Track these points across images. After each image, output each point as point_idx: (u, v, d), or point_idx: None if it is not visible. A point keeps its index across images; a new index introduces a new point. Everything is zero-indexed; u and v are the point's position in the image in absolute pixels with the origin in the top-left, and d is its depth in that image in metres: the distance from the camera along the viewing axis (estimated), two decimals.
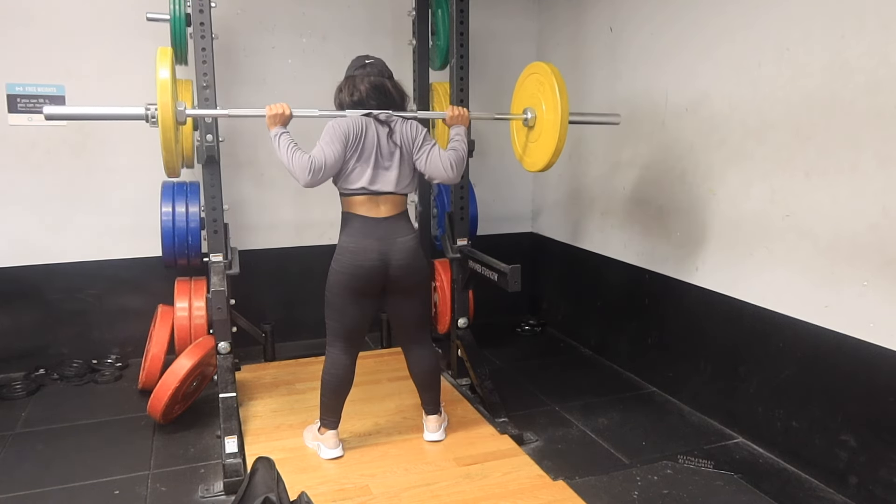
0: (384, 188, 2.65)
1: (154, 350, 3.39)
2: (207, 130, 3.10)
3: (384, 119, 2.65)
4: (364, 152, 2.62)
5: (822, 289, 2.58)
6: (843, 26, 2.44)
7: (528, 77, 2.94)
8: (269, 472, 2.29)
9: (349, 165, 2.61)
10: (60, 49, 3.65)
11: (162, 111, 2.44)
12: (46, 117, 2.47)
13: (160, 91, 2.45)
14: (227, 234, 3.31)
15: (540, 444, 2.96)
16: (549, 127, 2.76)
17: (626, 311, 3.83)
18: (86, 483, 2.64)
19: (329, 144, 2.56)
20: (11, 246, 3.71)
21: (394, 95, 2.71)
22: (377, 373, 3.65)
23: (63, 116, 2.66)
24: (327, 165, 2.54)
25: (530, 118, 2.89)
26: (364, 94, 2.66)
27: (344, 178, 2.64)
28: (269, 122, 2.60)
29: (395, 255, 2.65)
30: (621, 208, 3.81)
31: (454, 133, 2.81)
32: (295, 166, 2.51)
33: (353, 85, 2.69)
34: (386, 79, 2.72)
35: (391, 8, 4.21)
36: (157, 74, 2.47)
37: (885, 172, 2.32)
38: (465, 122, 2.83)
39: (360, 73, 2.70)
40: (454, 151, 2.73)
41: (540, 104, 2.83)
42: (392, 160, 2.66)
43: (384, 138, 2.65)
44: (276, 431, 2.99)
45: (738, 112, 2.93)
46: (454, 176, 2.72)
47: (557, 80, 2.71)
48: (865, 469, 2.45)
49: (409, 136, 2.69)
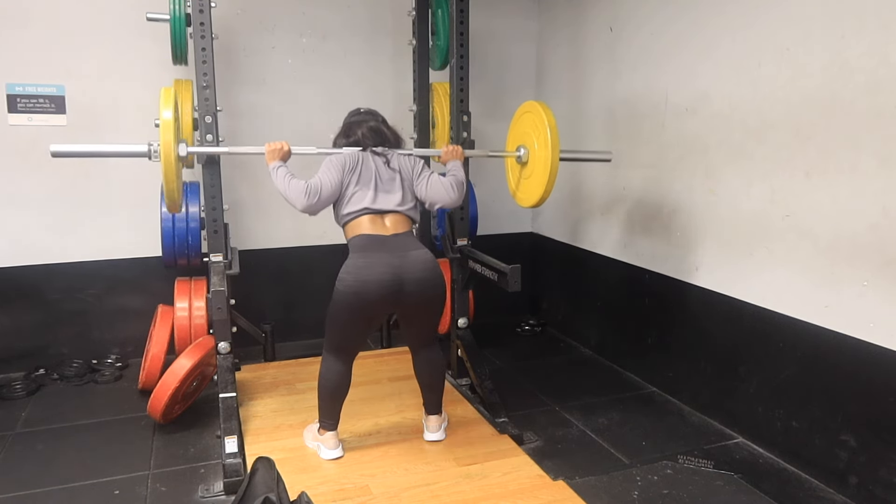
0: (387, 207, 2.67)
1: (154, 350, 3.39)
2: (207, 130, 3.10)
3: (380, 152, 2.74)
4: (363, 178, 2.67)
5: (822, 289, 2.58)
6: (843, 26, 2.44)
7: (522, 115, 3.03)
8: (269, 472, 2.29)
9: (349, 191, 2.66)
10: (60, 49, 3.65)
11: (164, 150, 2.55)
12: (53, 155, 2.58)
13: (163, 130, 2.57)
14: (227, 234, 3.30)
15: (540, 444, 2.96)
16: (541, 164, 2.84)
17: (626, 311, 3.83)
18: (86, 483, 2.64)
19: (326, 172, 2.65)
20: (11, 246, 3.71)
21: (389, 136, 2.81)
22: (377, 373, 3.65)
23: (69, 154, 2.70)
24: (323, 189, 2.60)
25: (523, 155, 2.98)
26: (361, 136, 2.76)
27: (345, 204, 2.66)
28: (268, 157, 2.70)
29: (409, 268, 2.54)
30: (621, 208, 3.81)
31: (451, 166, 2.89)
32: (291, 191, 2.59)
33: (349, 129, 2.81)
34: (381, 124, 2.83)
35: (391, 8, 4.21)
36: (161, 114, 2.58)
37: (885, 172, 2.32)
38: (459, 157, 2.92)
39: (357, 119, 2.83)
40: (453, 176, 2.81)
41: (532, 142, 2.91)
42: (393, 184, 2.71)
43: (382, 166, 2.72)
44: (276, 431, 2.99)
45: (738, 112, 2.93)
46: (456, 196, 2.77)
47: (549, 119, 2.80)
48: (865, 469, 2.45)
49: (407, 165, 2.77)
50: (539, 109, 2.85)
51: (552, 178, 2.78)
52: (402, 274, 2.53)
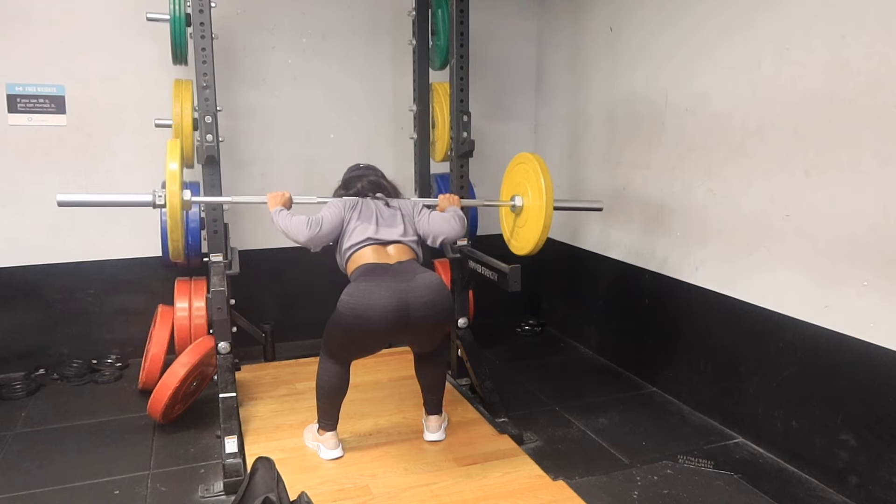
0: (390, 237, 2.71)
1: (154, 350, 3.39)
2: (207, 130, 3.10)
3: (379, 197, 2.82)
4: (363, 214, 2.74)
5: (822, 289, 2.58)
6: (843, 26, 2.44)
7: (516, 167, 3.09)
8: (269, 472, 2.29)
9: (351, 226, 2.72)
10: (60, 49, 3.65)
11: (171, 200, 2.60)
12: (59, 205, 2.60)
13: (169, 181, 2.62)
14: (227, 234, 3.31)
15: (540, 444, 2.96)
16: (535, 214, 2.88)
17: (626, 311, 3.83)
18: (86, 483, 2.64)
19: (327, 209, 2.75)
20: (11, 246, 3.71)
21: (388, 189, 2.90)
22: (377, 373, 3.65)
23: (76, 204, 2.70)
24: (324, 221, 2.68)
25: (518, 205, 3.02)
26: (361, 189, 2.84)
27: (348, 237, 2.71)
28: (270, 204, 2.79)
29: (416, 292, 2.44)
30: (621, 208, 3.81)
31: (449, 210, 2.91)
32: (293, 226, 2.67)
33: (349, 183, 2.88)
34: (380, 177, 2.92)
35: (391, 8, 4.21)
36: (167, 166, 2.65)
37: (885, 172, 2.32)
38: (457, 204, 2.97)
39: (357, 174, 2.92)
40: (453, 212, 2.86)
41: (526, 192, 2.97)
42: (394, 219, 2.77)
43: (382, 206, 2.80)
44: (276, 431, 2.99)
45: (738, 112, 2.93)
46: (459, 227, 2.81)
47: (542, 170, 2.86)
48: (865, 469, 2.45)
49: (407, 205, 2.86)
50: (533, 161, 2.92)
51: (546, 228, 2.84)
52: (408, 299, 2.43)
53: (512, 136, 4.64)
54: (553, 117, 4.52)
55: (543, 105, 4.63)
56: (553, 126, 4.53)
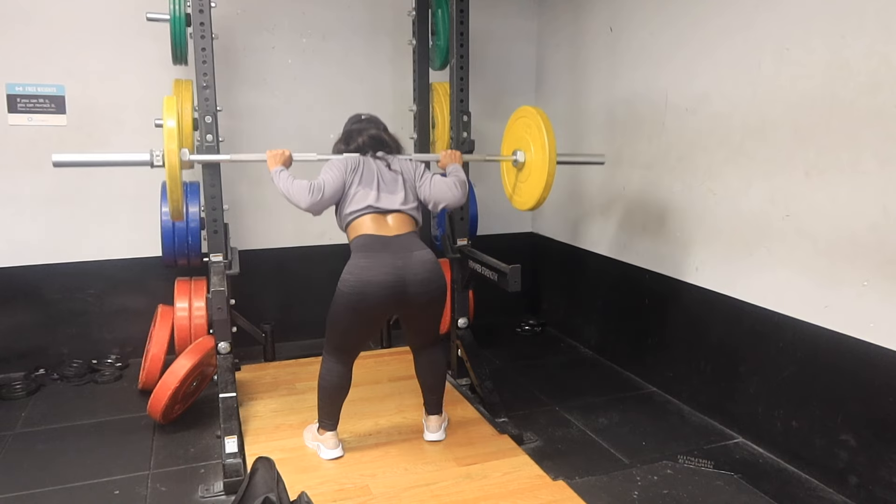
0: (391, 206, 2.69)
1: (154, 350, 3.39)
2: (207, 131, 3.09)
3: (381, 156, 2.77)
4: (364, 178, 2.70)
5: (822, 289, 2.58)
6: (843, 26, 2.44)
7: (517, 120, 3.06)
8: (269, 472, 2.29)
9: (351, 190, 2.67)
10: (60, 49, 3.65)
11: (168, 158, 2.57)
12: (55, 164, 2.58)
13: (167, 139, 2.58)
14: (227, 234, 3.30)
15: (540, 444, 2.96)
16: (538, 168, 2.85)
17: (626, 311, 3.83)
18: (86, 483, 2.64)
19: (328, 171, 2.68)
20: (11, 246, 3.71)
21: (390, 144, 2.84)
22: (377, 373, 3.65)
23: (72, 164, 2.68)
24: (326, 186, 2.62)
25: (520, 160, 2.99)
26: (361, 144, 2.78)
27: (348, 203, 2.68)
28: (270, 163, 2.73)
29: (412, 269, 2.54)
30: (621, 208, 3.81)
31: (450, 169, 2.90)
32: (294, 190, 2.61)
33: (350, 137, 2.82)
34: (381, 131, 2.85)
35: (391, 8, 4.21)
36: (164, 123, 2.60)
37: (885, 172, 2.32)
38: (458, 161, 2.93)
39: (357, 128, 2.84)
40: (455, 176, 2.83)
41: (529, 146, 2.94)
42: (396, 184, 2.72)
43: (384, 168, 2.75)
44: (276, 431, 2.99)
45: (738, 112, 2.93)
46: (459, 195, 2.78)
47: (545, 123, 2.83)
48: (865, 469, 2.45)
49: (409, 168, 2.80)
50: (535, 114, 2.88)
51: (549, 182, 2.80)
52: (404, 275, 2.53)
53: None
54: (553, 117, 4.45)
55: (543, 105, 4.62)
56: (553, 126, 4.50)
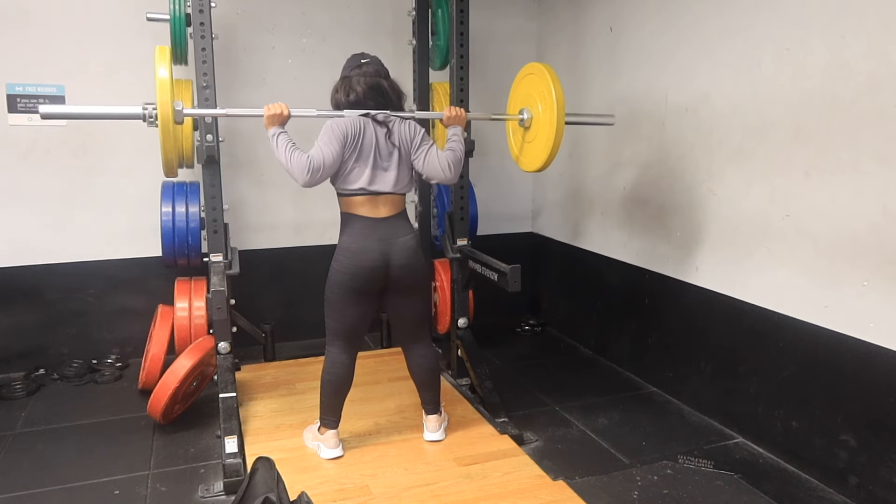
0: (383, 188, 2.66)
1: (154, 350, 3.39)
2: (207, 130, 3.09)
3: (382, 119, 2.66)
4: (363, 152, 2.61)
5: (822, 289, 2.58)
6: (843, 26, 2.44)
7: (525, 78, 2.95)
8: (269, 472, 2.29)
9: (348, 165, 2.61)
10: (60, 49, 3.65)
11: (161, 110, 2.44)
12: (42, 116, 2.44)
13: (159, 90, 2.45)
14: (227, 234, 3.30)
15: (540, 444, 2.96)
16: (546, 127, 2.76)
17: (626, 311, 3.83)
18: (86, 483, 2.64)
19: (327, 144, 2.56)
20: (11, 246, 3.71)
21: (391, 95, 2.71)
22: (377, 373, 3.65)
23: (60, 116, 2.63)
24: (325, 165, 2.53)
25: (526, 119, 2.90)
26: (361, 94, 2.65)
27: (343, 179, 2.64)
28: (267, 123, 2.59)
29: (395, 254, 2.66)
30: (621, 208, 3.81)
31: (451, 133, 2.82)
32: (293, 166, 2.50)
33: (349, 86, 2.67)
34: (382, 78, 2.71)
35: (391, 8, 4.21)
36: (157, 73, 2.47)
37: (885, 172, 2.32)
38: (462, 123, 2.84)
39: (357, 73, 2.68)
40: (452, 152, 2.74)
41: (536, 104, 2.84)
42: (391, 160, 2.66)
43: (382, 139, 2.65)
44: (276, 431, 2.99)
45: (738, 112, 2.93)
46: (452, 176, 2.74)
47: (553, 79, 2.71)
48: (865, 469, 2.45)
49: (407, 137, 2.70)
50: (543, 70, 2.77)
51: (558, 141, 2.71)
52: (388, 259, 2.66)
53: None
54: None
55: None
56: None
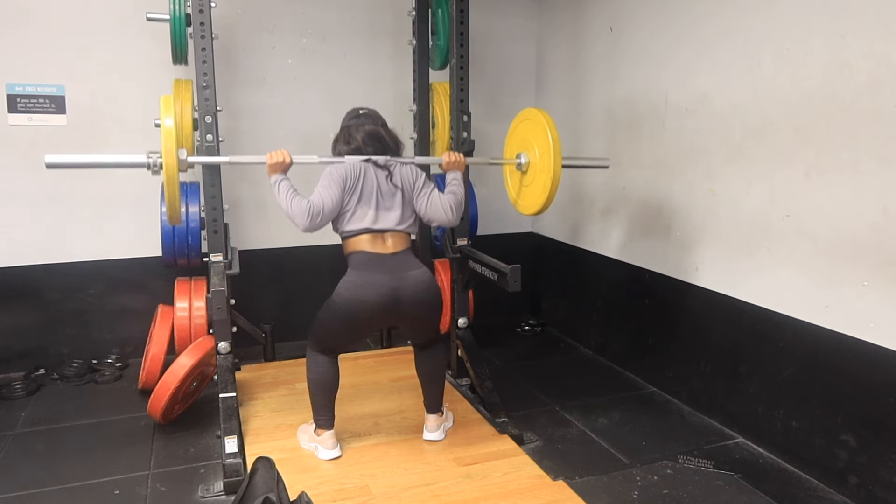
0: (387, 226, 2.68)
1: (154, 350, 3.39)
2: (207, 131, 3.09)
3: (383, 163, 2.72)
4: (364, 194, 2.66)
5: (822, 289, 2.58)
6: (843, 26, 2.44)
7: (521, 123, 3.01)
8: (269, 472, 2.29)
9: (350, 208, 2.65)
10: (60, 49, 3.65)
11: (167, 159, 2.50)
12: (48, 166, 2.47)
13: (164, 139, 2.51)
14: (227, 234, 3.30)
15: (540, 444, 2.96)
16: (543, 171, 2.81)
17: (626, 311, 3.83)
18: (86, 483, 2.64)
19: (326, 188, 2.62)
20: (11, 246, 3.71)
21: (389, 142, 2.79)
22: (377, 373, 3.65)
23: (66, 165, 2.59)
24: (325, 210, 2.59)
25: (524, 163, 2.96)
26: (360, 141, 2.73)
27: (346, 222, 2.67)
28: (270, 170, 2.67)
29: (407, 289, 2.60)
30: (621, 208, 3.81)
31: (451, 178, 2.88)
32: (294, 211, 2.57)
33: (349, 134, 2.77)
34: (380, 127, 2.80)
35: (391, 8, 4.21)
36: (162, 122, 2.52)
37: (885, 172, 2.32)
38: (461, 168, 2.91)
39: (355, 123, 2.79)
40: (453, 195, 2.80)
41: (533, 149, 2.89)
42: (393, 200, 2.70)
43: (384, 180, 2.70)
44: (276, 431, 2.99)
45: (738, 112, 2.93)
46: (454, 218, 2.79)
47: (549, 125, 2.78)
48: (865, 469, 2.45)
49: (409, 179, 2.76)
50: (540, 117, 2.83)
51: (555, 186, 2.75)
52: (398, 294, 2.58)
53: None
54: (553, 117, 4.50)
55: (543, 105, 4.63)
56: None
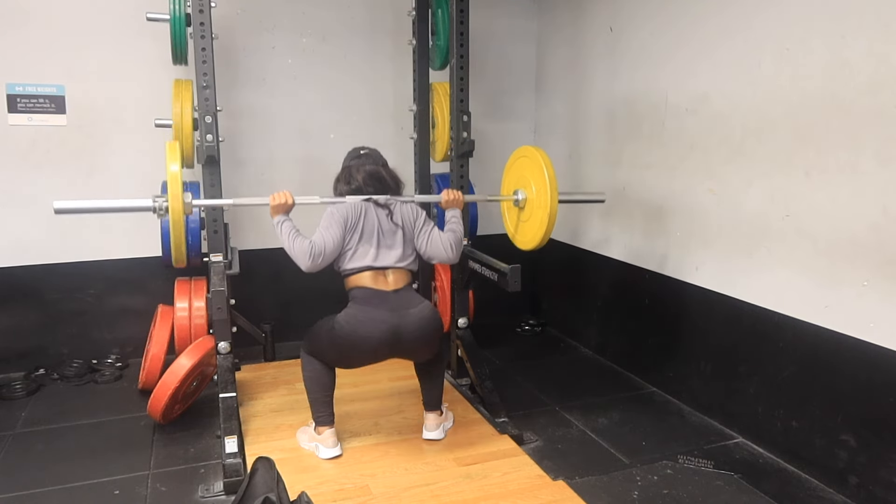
0: (388, 264, 2.72)
1: (154, 350, 3.39)
2: (207, 130, 3.09)
3: (383, 202, 2.76)
4: (365, 233, 2.71)
5: (822, 289, 2.58)
6: (843, 26, 2.44)
7: (517, 160, 3.05)
8: (269, 472, 2.29)
9: (351, 246, 2.69)
10: (60, 49, 3.65)
11: (173, 203, 2.52)
12: (56, 212, 2.46)
13: (171, 183, 2.52)
14: (227, 234, 3.31)
15: (540, 444, 2.96)
16: (540, 207, 2.84)
17: (626, 311, 3.83)
18: (86, 483, 2.64)
19: (328, 229, 2.67)
20: (11, 246, 3.71)
21: (389, 182, 2.85)
22: (377, 373, 3.64)
23: (73, 211, 2.54)
24: (327, 251, 2.64)
25: (521, 199, 2.99)
26: (361, 181, 2.79)
27: (348, 260, 2.71)
28: (273, 211, 2.71)
29: (409, 325, 2.62)
30: (621, 208, 3.81)
31: (450, 216, 2.92)
32: (296, 252, 2.62)
33: (349, 174, 2.83)
34: (381, 167, 2.86)
35: (391, 8, 4.21)
36: (168, 168, 2.55)
37: (885, 172, 2.32)
38: (459, 205, 2.95)
39: (356, 164, 2.85)
40: (453, 233, 2.84)
41: (529, 185, 2.92)
42: (395, 238, 2.75)
43: (385, 219, 2.75)
44: (276, 431, 2.99)
45: (738, 112, 2.93)
46: (454, 256, 2.83)
47: (545, 162, 2.81)
48: (865, 469, 2.45)
49: (410, 217, 2.81)
50: (536, 154, 2.88)
51: (552, 221, 2.80)
52: (400, 331, 2.61)
53: (512, 136, 4.63)
54: (553, 117, 4.53)
55: (543, 105, 4.63)
56: (553, 126, 4.53)
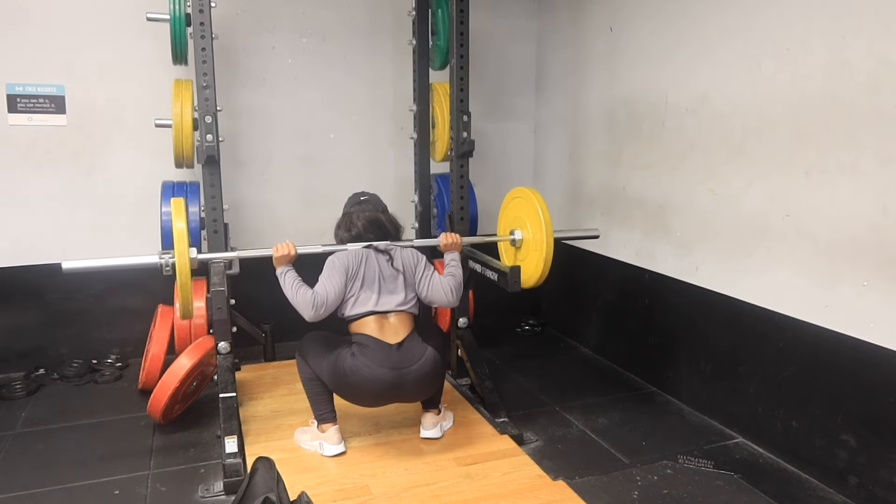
0: (391, 308, 2.74)
1: (154, 350, 3.39)
2: (207, 130, 3.09)
3: (383, 248, 2.81)
4: (367, 279, 2.75)
5: (822, 289, 2.58)
6: (843, 26, 2.44)
7: (512, 201, 3.10)
8: (269, 472, 2.29)
9: (353, 293, 2.73)
10: (60, 49, 3.65)
11: (179, 260, 2.56)
12: (65, 271, 2.53)
13: (177, 240, 2.56)
14: (227, 234, 3.31)
15: (540, 444, 2.96)
16: (536, 246, 2.88)
17: (626, 311, 3.83)
18: (86, 483, 2.64)
19: (329, 278, 2.71)
20: (11, 246, 3.71)
21: (388, 228, 2.90)
22: None
23: (82, 270, 2.58)
24: (329, 301, 2.67)
25: (518, 239, 3.03)
26: (361, 228, 2.85)
27: (350, 307, 2.74)
28: (276, 262, 2.75)
29: (410, 377, 2.66)
30: (621, 208, 3.81)
31: (449, 259, 2.94)
32: (299, 302, 2.66)
33: (350, 221, 2.89)
34: (381, 213, 2.92)
35: (391, 8, 4.21)
36: (174, 224, 2.59)
37: (885, 172, 2.32)
38: (458, 248, 2.98)
39: (356, 210, 2.91)
40: (452, 277, 2.87)
41: (525, 225, 2.97)
42: (396, 283, 2.78)
43: (385, 265, 2.79)
44: (276, 431, 2.99)
45: (738, 112, 2.93)
46: (454, 300, 2.86)
47: (539, 203, 2.87)
48: (865, 469, 2.45)
49: (410, 263, 2.84)
50: (531, 195, 2.92)
51: (549, 259, 2.83)
52: (402, 382, 2.65)
53: (512, 136, 4.64)
54: (553, 117, 4.52)
55: (543, 105, 4.63)
56: (553, 126, 4.53)
